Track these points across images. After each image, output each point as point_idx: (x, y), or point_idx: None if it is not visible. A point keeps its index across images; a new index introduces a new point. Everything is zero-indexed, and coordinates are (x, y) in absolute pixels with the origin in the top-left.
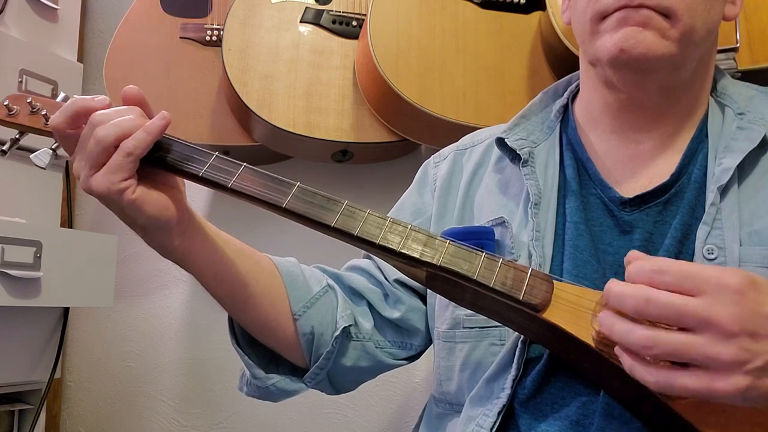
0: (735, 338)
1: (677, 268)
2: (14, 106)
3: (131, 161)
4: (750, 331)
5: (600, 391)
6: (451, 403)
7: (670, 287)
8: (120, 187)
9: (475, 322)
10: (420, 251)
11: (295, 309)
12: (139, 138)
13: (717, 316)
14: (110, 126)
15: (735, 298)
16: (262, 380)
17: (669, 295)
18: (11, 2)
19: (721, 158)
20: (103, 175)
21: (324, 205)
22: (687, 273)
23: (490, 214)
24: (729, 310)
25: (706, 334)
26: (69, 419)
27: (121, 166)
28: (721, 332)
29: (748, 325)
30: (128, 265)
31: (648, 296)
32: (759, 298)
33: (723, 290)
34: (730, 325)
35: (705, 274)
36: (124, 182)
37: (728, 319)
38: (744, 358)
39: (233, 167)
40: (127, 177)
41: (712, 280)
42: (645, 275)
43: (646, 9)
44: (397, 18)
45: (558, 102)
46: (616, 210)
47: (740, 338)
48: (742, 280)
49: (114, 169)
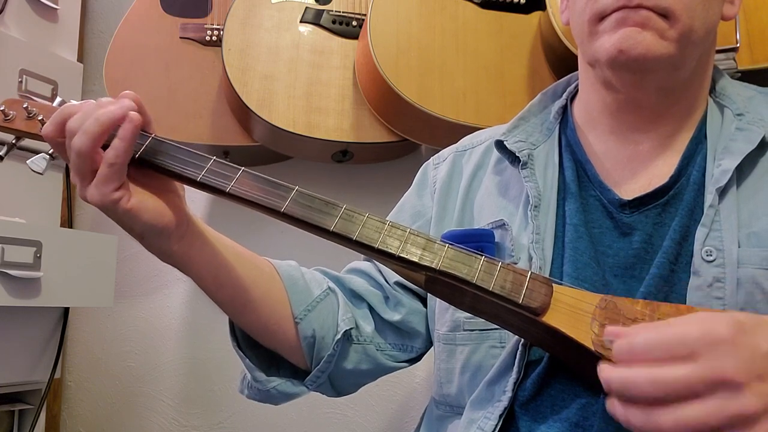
0: (748, 388)
1: (664, 340)
2: (11, 111)
3: (116, 170)
4: (757, 375)
5: (600, 393)
6: (452, 405)
7: (664, 360)
8: (113, 198)
9: (475, 324)
10: (419, 255)
11: (296, 312)
12: (116, 147)
13: (723, 374)
14: (81, 136)
15: (730, 349)
16: (263, 383)
17: (670, 370)
18: (11, 2)
19: (720, 159)
20: (95, 188)
21: (322, 209)
22: (675, 340)
23: (489, 216)
24: (730, 363)
25: (719, 394)
26: (69, 419)
27: (108, 176)
28: (733, 387)
29: (753, 371)
30: (128, 265)
31: (652, 379)
32: (752, 340)
33: (716, 346)
34: (737, 377)
35: (692, 335)
36: (117, 192)
37: (733, 373)
38: (764, 403)
39: (231, 171)
40: (117, 186)
41: (703, 340)
42: (636, 356)
43: (645, 9)
44: (397, 18)
45: (557, 103)
46: (615, 212)
47: (752, 386)
48: (730, 328)
49: (102, 180)
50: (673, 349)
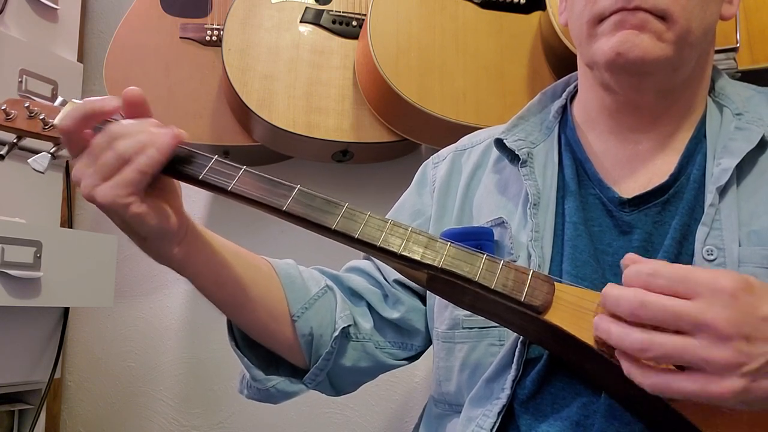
0: (730, 341)
1: (672, 271)
2: (12, 110)
3: (143, 179)
4: (745, 334)
5: (601, 392)
6: (451, 403)
7: (665, 290)
8: (126, 201)
9: (474, 322)
10: (421, 253)
11: (293, 310)
12: (153, 157)
13: (712, 319)
14: (133, 142)
15: (729, 301)
16: (262, 382)
17: (663, 298)
18: (11, 2)
19: (720, 159)
20: (110, 188)
21: (324, 208)
22: (681, 276)
23: (489, 214)
24: (724, 313)
25: (702, 337)
26: (69, 419)
27: (132, 182)
28: (716, 335)
29: (742, 328)
30: (128, 265)
31: (643, 300)
32: (753, 300)
33: (718, 293)
34: (725, 328)
35: (699, 277)
36: (131, 197)
37: (723, 323)
38: (739, 361)
39: (233, 170)
40: (134, 192)
41: (707, 283)
42: (640, 279)
43: (643, 12)
44: (397, 18)
45: (556, 103)
46: (615, 210)
47: (735, 341)
48: (737, 282)
49: (124, 184)
50: (675, 283)
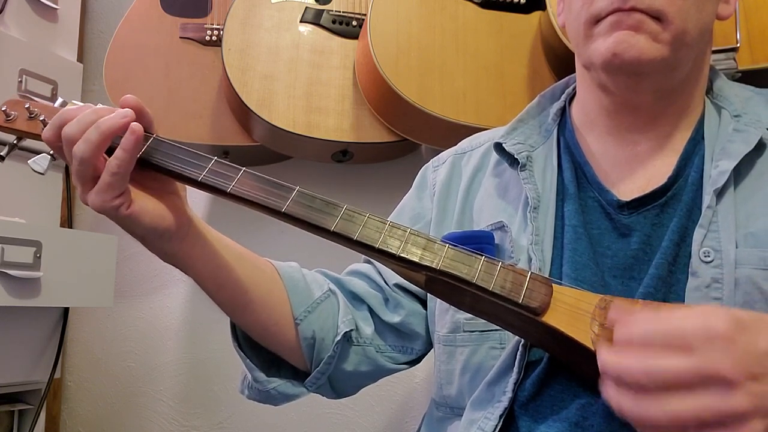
0: (740, 386)
1: (663, 329)
2: (12, 111)
3: (118, 180)
4: (751, 374)
5: (600, 393)
6: (452, 406)
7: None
8: (113, 204)
9: (475, 325)
10: (419, 255)
11: (296, 313)
12: (119, 157)
13: (717, 370)
14: (82, 143)
15: (727, 346)
16: (263, 383)
17: (665, 361)
18: (11, 2)
19: (718, 161)
20: (96, 194)
21: (323, 209)
22: (674, 332)
23: (489, 218)
24: (726, 360)
25: (712, 390)
26: (69, 419)
27: (110, 185)
28: (725, 384)
29: (748, 370)
30: (128, 265)
31: (646, 368)
32: (749, 338)
33: (713, 341)
34: (731, 375)
35: (691, 329)
36: (117, 199)
37: (728, 370)
38: (755, 404)
39: (232, 172)
40: (118, 194)
41: (700, 334)
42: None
43: (638, 12)
44: (397, 18)
45: (555, 105)
46: (614, 213)
47: (745, 384)
48: (729, 323)
49: (104, 188)
50: (670, 340)
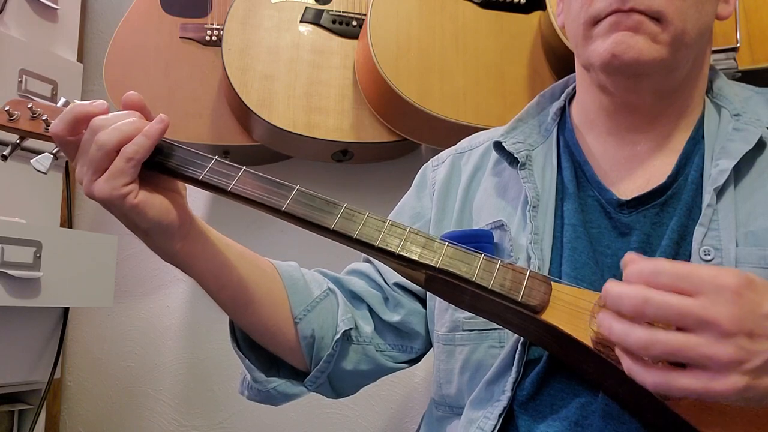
0: (733, 338)
1: (674, 269)
2: (15, 111)
3: (132, 166)
4: (748, 330)
5: (599, 392)
6: (451, 406)
7: (668, 288)
8: (122, 192)
9: (474, 324)
10: (419, 253)
11: (295, 313)
12: (139, 142)
13: (715, 316)
14: (111, 130)
15: (733, 298)
16: (263, 384)
17: (667, 295)
18: (11, 2)
19: (718, 160)
20: (105, 181)
21: (323, 208)
22: (684, 273)
23: (488, 217)
24: (727, 310)
25: (705, 334)
26: (69, 419)
27: (123, 171)
28: (719, 332)
29: (745, 325)
30: (128, 265)
31: (646, 296)
32: (756, 298)
33: (721, 290)
34: (728, 325)
35: (702, 275)
36: (126, 187)
37: (726, 319)
38: (742, 358)
39: (233, 171)
40: (129, 182)
41: (710, 280)
42: (642, 276)
43: (637, 13)
44: (397, 18)
45: (555, 104)
46: (613, 212)
47: (738, 338)
48: (740, 280)
49: (116, 174)
50: (678, 280)
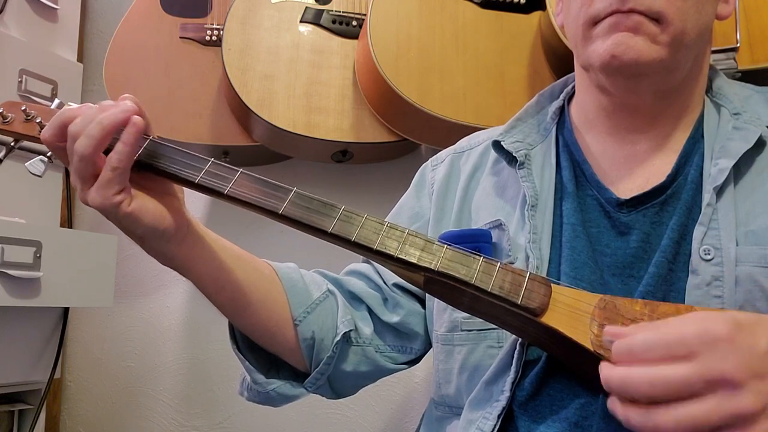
0: (746, 386)
1: (662, 338)
2: (9, 113)
3: (119, 174)
4: (756, 374)
5: (599, 393)
6: (451, 406)
7: (663, 360)
8: (115, 201)
9: (473, 324)
10: (417, 256)
11: (295, 314)
12: (120, 151)
13: (721, 373)
14: (84, 138)
15: (728, 348)
16: (263, 385)
17: (669, 370)
18: (11, 2)
19: (717, 159)
20: (96, 191)
21: (321, 211)
22: (673, 340)
23: (487, 216)
24: (729, 362)
25: (718, 393)
26: (69, 419)
27: (110, 180)
28: (731, 386)
29: (752, 370)
30: (128, 265)
31: (650, 378)
32: (749, 339)
33: (714, 344)
34: (736, 375)
35: (690, 334)
36: (118, 196)
37: (732, 371)
38: (763, 402)
39: (229, 173)
40: (119, 190)
41: (700, 338)
42: (635, 356)
43: (637, 14)
44: (397, 18)
45: (554, 104)
46: (612, 211)
47: (751, 384)
48: (727, 326)
49: (105, 184)
50: (671, 348)
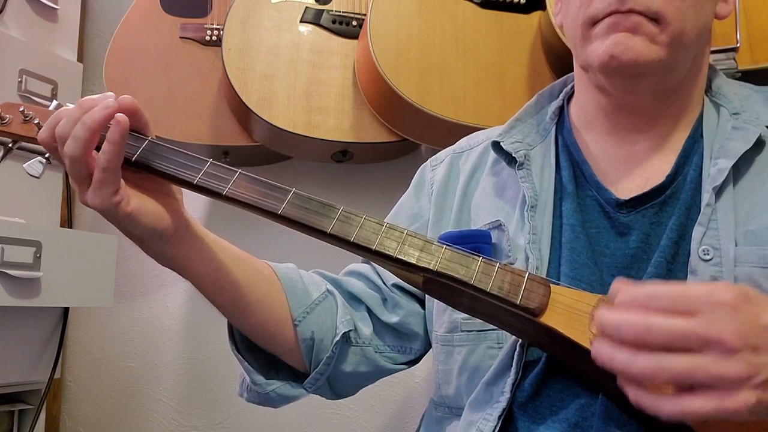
0: (738, 354)
1: (668, 291)
2: (6, 114)
3: (111, 173)
4: (751, 344)
5: (599, 394)
6: (450, 406)
7: (665, 311)
8: (113, 202)
9: (473, 325)
10: (416, 256)
11: (294, 315)
12: (107, 151)
13: (718, 334)
14: (71, 141)
15: (732, 313)
16: (262, 386)
17: (668, 319)
18: (11, 2)
19: (717, 159)
20: (93, 193)
21: (320, 211)
22: (679, 294)
23: (486, 217)
24: (728, 326)
25: (710, 353)
26: (69, 419)
27: (103, 181)
28: (724, 350)
29: (749, 340)
30: (128, 265)
31: (647, 324)
32: (754, 310)
33: (718, 307)
34: (731, 341)
35: (697, 293)
36: (115, 196)
37: (729, 336)
38: (750, 373)
39: (228, 174)
40: (115, 190)
41: (706, 298)
42: (638, 302)
43: (636, 14)
44: (397, 18)
45: (553, 104)
46: (612, 212)
47: (743, 353)
48: (735, 294)
49: (98, 185)
50: (675, 302)
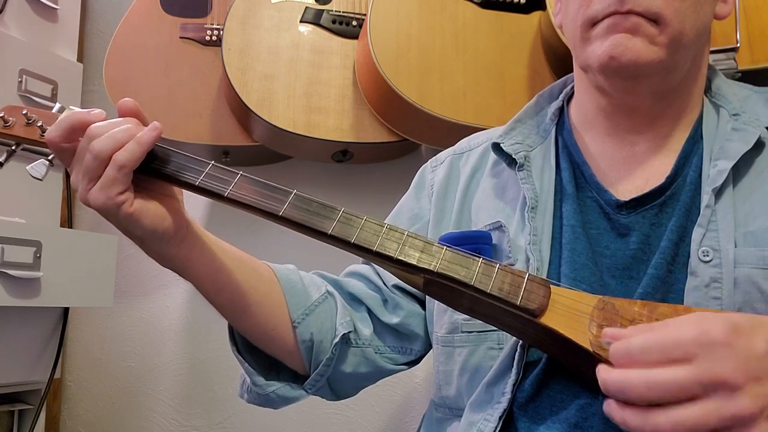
0: (744, 389)
1: (659, 341)
2: (10, 117)
3: (125, 174)
4: (754, 376)
5: (599, 394)
6: (451, 407)
7: (661, 363)
8: (117, 201)
9: (473, 326)
10: (417, 258)
11: (294, 316)
12: (131, 149)
13: (718, 375)
14: (105, 138)
15: (726, 351)
16: (263, 387)
17: (667, 372)
18: (11, 2)
19: (716, 160)
20: (99, 190)
21: (320, 213)
22: (671, 342)
23: (487, 218)
24: (727, 365)
25: (716, 395)
26: (69, 419)
27: (115, 179)
28: (729, 389)
29: (750, 373)
30: (128, 265)
31: (647, 381)
32: (747, 342)
33: (712, 347)
34: (734, 379)
35: (687, 337)
36: (121, 196)
37: (731, 374)
38: (760, 406)
39: (229, 176)
40: (123, 190)
41: (698, 340)
42: (633, 358)
43: (635, 15)
44: (397, 18)
45: (553, 105)
46: (612, 213)
47: (749, 387)
48: (725, 329)
49: (109, 182)
50: (669, 351)
